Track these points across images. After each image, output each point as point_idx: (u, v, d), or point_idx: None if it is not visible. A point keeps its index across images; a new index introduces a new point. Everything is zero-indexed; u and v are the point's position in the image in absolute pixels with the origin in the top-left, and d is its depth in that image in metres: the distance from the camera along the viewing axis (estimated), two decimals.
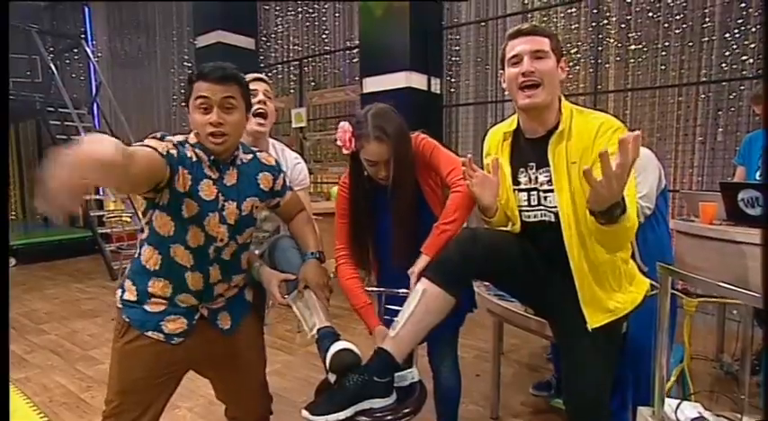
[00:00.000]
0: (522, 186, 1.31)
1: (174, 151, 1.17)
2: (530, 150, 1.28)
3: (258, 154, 1.40)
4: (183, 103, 1.25)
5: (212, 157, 1.24)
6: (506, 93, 1.29)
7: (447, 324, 1.37)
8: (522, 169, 1.31)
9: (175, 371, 1.32)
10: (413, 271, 1.32)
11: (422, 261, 1.32)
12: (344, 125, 1.40)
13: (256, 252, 1.56)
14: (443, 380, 1.60)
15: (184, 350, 1.28)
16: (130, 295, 1.27)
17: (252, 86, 1.60)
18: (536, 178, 1.28)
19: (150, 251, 1.24)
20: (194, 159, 1.22)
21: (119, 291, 1.30)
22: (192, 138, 1.25)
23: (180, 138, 1.25)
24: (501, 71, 1.29)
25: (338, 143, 1.42)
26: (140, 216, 1.26)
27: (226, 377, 1.42)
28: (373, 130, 1.35)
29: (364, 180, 1.47)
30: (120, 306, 1.28)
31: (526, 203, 1.31)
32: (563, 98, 1.27)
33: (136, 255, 1.30)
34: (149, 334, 1.25)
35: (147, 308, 1.25)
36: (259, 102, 1.60)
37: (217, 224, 1.25)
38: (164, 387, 1.31)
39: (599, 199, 0.98)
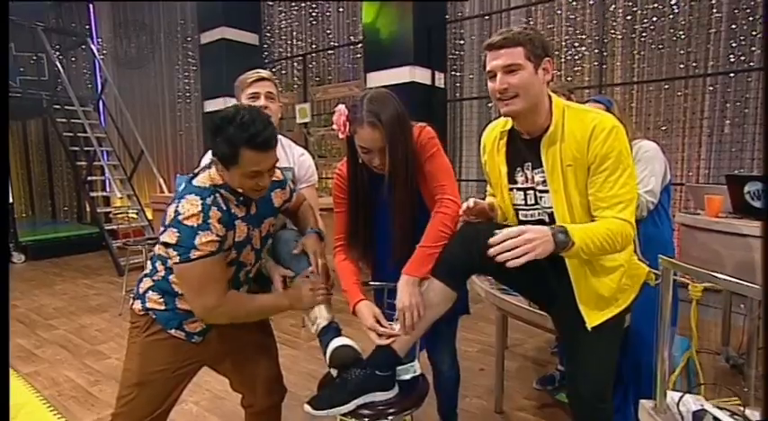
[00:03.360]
0: (520, 185, 1.31)
1: (222, 232, 1.18)
2: (525, 150, 1.28)
3: None
4: (222, 164, 1.18)
5: (241, 198, 1.25)
6: None
7: (446, 320, 1.36)
8: (518, 168, 1.30)
9: (191, 366, 1.37)
10: (404, 304, 1.25)
11: (408, 286, 1.26)
12: (341, 108, 1.34)
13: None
14: (443, 373, 1.61)
15: (202, 347, 1.35)
16: (157, 305, 1.30)
17: (253, 89, 1.60)
18: (532, 178, 1.27)
19: None
20: (224, 207, 1.22)
21: (138, 302, 1.32)
22: (217, 179, 1.22)
23: (204, 181, 1.22)
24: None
25: (334, 127, 1.36)
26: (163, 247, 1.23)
27: (240, 367, 1.46)
28: (367, 115, 1.28)
29: (361, 167, 1.40)
30: (141, 310, 1.32)
31: (523, 202, 1.30)
32: (555, 97, 1.25)
33: (151, 271, 1.32)
34: (172, 332, 1.31)
35: (172, 311, 1.31)
36: (262, 107, 1.57)
37: (248, 252, 1.31)
38: (178, 381, 1.35)
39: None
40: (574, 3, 4.02)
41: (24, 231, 6.28)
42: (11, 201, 5.77)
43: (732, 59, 3.38)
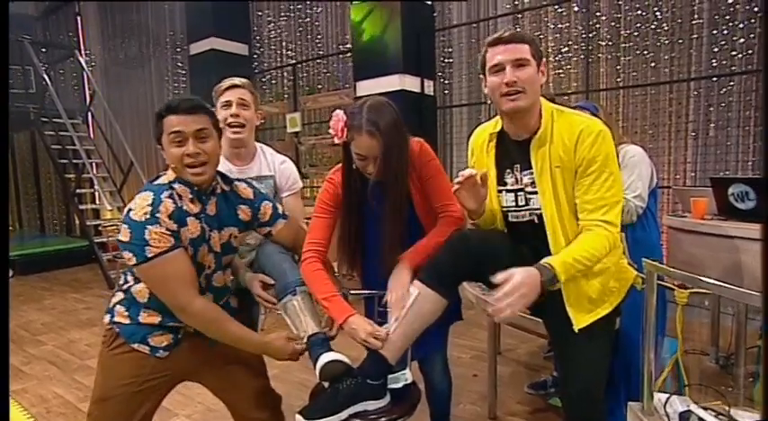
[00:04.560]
0: (510, 187, 1.32)
1: (173, 225, 1.19)
2: (515, 151, 1.29)
3: (236, 184, 1.41)
4: (157, 143, 1.26)
5: (195, 189, 1.26)
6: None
7: (435, 332, 1.38)
8: (508, 170, 1.32)
9: (158, 380, 1.32)
10: (398, 283, 1.29)
11: (405, 273, 1.31)
12: (339, 113, 1.35)
13: (244, 260, 1.56)
14: (435, 383, 1.60)
15: (170, 361, 1.31)
16: (122, 319, 1.30)
17: (225, 97, 1.61)
18: (521, 179, 1.29)
19: (141, 286, 1.27)
20: (178, 204, 1.22)
21: (107, 316, 1.33)
22: (170, 175, 1.26)
23: (161, 180, 1.26)
24: (481, 76, 1.29)
25: (330, 131, 1.37)
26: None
27: (222, 380, 1.43)
28: (366, 123, 1.29)
29: (355, 173, 1.40)
30: (108, 324, 1.32)
31: (513, 204, 1.32)
32: (543, 100, 1.27)
33: (122, 283, 1.33)
34: (135, 346, 1.28)
35: (136, 325, 1.29)
36: (232, 115, 1.58)
37: (205, 254, 1.29)
38: (145, 396, 1.31)
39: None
40: (560, 10, 4.08)
41: (12, 245, 6.18)
42: None
43: (714, 64, 3.45)
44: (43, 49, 6.78)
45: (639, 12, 3.72)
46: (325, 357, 1.24)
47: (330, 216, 1.45)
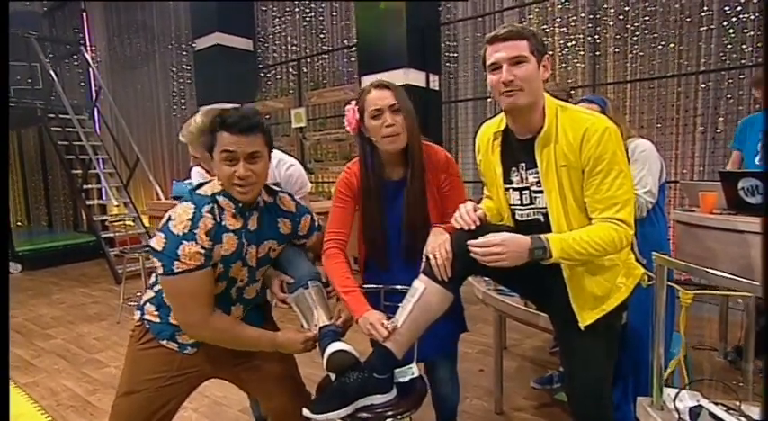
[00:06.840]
0: (515, 185, 1.31)
1: (208, 245, 1.18)
2: (520, 150, 1.28)
3: (280, 196, 1.41)
4: (208, 152, 1.25)
5: (239, 205, 1.26)
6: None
7: (444, 344, 1.44)
8: (513, 168, 1.30)
9: (185, 376, 1.33)
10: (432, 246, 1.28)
11: (443, 234, 1.30)
12: (350, 104, 1.43)
13: None
14: (443, 392, 1.60)
15: (197, 358, 1.32)
16: (152, 318, 1.32)
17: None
18: (527, 178, 1.28)
19: None
20: (218, 219, 1.22)
21: (138, 313, 1.35)
22: (215, 186, 1.26)
23: (206, 189, 1.26)
24: (485, 73, 1.28)
25: (346, 126, 1.43)
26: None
27: (252, 372, 1.41)
28: (375, 82, 1.41)
29: (372, 162, 1.43)
30: (138, 320, 1.34)
31: (519, 202, 1.31)
32: (548, 97, 1.25)
33: (152, 283, 1.33)
34: (163, 342, 1.30)
35: (165, 323, 1.31)
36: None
37: (239, 269, 1.28)
38: (170, 393, 1.32)
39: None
40: (566, 3, 4.04)
41: (21, 241, 6.25)
42: None
43: (723, 57, 3.40)
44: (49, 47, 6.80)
45: (647, 4, 3.67)
46: (333, 346, 1.24)
47: (348, 205, 1.47)
